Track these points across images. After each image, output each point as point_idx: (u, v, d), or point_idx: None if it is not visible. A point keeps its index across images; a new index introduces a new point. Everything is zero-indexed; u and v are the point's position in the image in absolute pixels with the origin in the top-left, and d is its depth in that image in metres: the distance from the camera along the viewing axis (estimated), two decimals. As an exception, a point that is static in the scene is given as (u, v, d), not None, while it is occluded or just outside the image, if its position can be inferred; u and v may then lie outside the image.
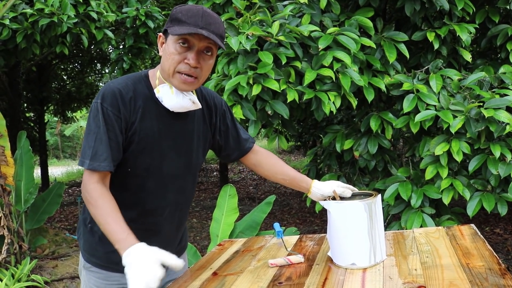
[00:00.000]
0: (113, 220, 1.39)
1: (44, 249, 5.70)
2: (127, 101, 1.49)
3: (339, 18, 3.78)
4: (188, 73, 1.47)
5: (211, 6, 4.34)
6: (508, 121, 3.15)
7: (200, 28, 1.42)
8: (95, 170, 1.44)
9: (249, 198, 9.81)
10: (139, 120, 1.51)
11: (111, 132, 1.46)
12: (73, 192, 12.15)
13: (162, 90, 1.53)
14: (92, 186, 1.44)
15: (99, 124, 1.46)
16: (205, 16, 1.44)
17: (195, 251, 3.71)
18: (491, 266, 1.41)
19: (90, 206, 1.43)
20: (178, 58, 1.46)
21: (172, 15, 1.47)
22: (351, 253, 1.55)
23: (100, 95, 1.48)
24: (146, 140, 1.53)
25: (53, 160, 23.40)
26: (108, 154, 1.45)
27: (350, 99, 3.44)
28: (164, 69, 1.51)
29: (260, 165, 1.85)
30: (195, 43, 1.45)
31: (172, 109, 1.55)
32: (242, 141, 1.82)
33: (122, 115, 1.48)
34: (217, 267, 1.73)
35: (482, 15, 4.07)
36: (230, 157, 1.83)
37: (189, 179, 1.70)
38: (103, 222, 1.39)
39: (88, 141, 1.47)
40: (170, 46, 1.47)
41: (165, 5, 8.73)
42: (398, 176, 3.63)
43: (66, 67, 11.96)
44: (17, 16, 5.19)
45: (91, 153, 1.45)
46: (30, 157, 5.18)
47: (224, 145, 1.78)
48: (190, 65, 1.46)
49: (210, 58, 1.51)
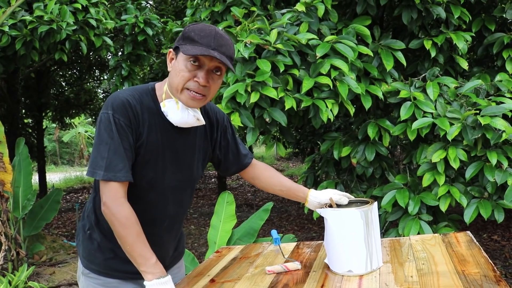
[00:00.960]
0: (141, 242, 1.45)
1: (42, 256, 5.69)
2: (135, 113, 1.51)
3: (336, 26, 3.81)
4: (197, 91, 1.49)
5: (210, 14, 4.37)
6: (504, 129, 3.17)
7: (212, 49, 1.44)
8: (111, 180, 1.46)
9: (247, 205, 9.80)
10: (147, 133, 1.53)
11: (125, 143, 1.48)
12: (71, 199, 12.13)
13: (168, 104, 1.55)
14: (120, 202, 1.46)
15: (112, 135, 1.46)
16: (217, 37, 1.46)
17: (192, 258, 3.71)
18: (486, 273, 1.42)
19: (116, 223, 1.45)
20: (188, 75, 1.48)
21: (184, 33, 1.48)
22: (348, 260, 1.56)
23: (110, 106, 1.49)
24: (151, 153, 1.55)
25: (51, 167, 23.36)
26: (124, 164, 1.47)
27: (348, 106, 3.46)
28: (172, 84, 1.52)
29: (258, 178, 1.87)
30: (205, 62, 1.47)
31: (176, 124, 1.57)
32: (241, 156, 1.84)
33: (133, 125, 1.50)
34: (214, 274, 1.73)
35: (479, 24, 4.10)
36: (229, 171, 1.85)
37: (188, 192, 1.73)
38: (131, 242, 1.44)
39: (100, 152, 1.47)
40: (180, 63, 1.48)
41: (164, 13, 8.78)
42: (396, 183, 3.64)
43: (65, 74, 11.97)
44: (16, 23, 5.20)
45: (105, 164, 1.45)
46: (28, 163, 5.17)
47: (224, 160, 1.80)
48: (200, 83, 1.48)
49: (219, 78, 1.53)
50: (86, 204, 1.77)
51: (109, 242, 1.62)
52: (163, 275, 1.44)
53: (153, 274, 1.42)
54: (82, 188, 14.23)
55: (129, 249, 1.44)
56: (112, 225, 1.47)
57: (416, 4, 3.76)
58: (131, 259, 1.45)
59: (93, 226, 1.66)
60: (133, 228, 1.45)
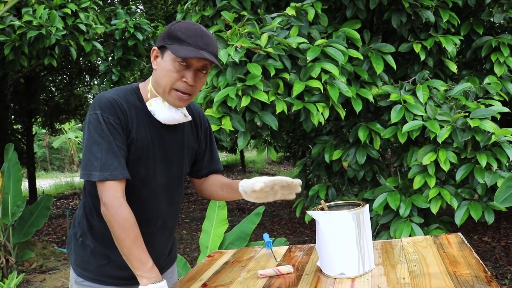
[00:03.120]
0: (138, 246, 1.44)
1: (32, 263, 5.63)
2: (123, 110, 1.51)
3: (326, 30, 3.82)
4: (185, 91, 1.50)
5: (200, 18, 4.37)
6: (493, 131, 3.20)
7: (200, 49, 1.44)
8: (107, 180, 1.44)
9: (238, 209, 9.79)
10: (136, 129, 1.53)
11: (117, 141, 1.47)
12: (61, 205, 12.03)
13: (154, 103, 1.55)
14: (119, 201, 1.45)
15: (103, 135, 1.45)
16: (204, 36, 1.47)
17: (184, 263, 3.69)
18: (478, 274, 1.43)
19: (115, 225, 1.43)
20: (176, 76, 1.48)
21: (170, 32, 1.48)
22: (340, 263, 1.56)
23: (97, 106, 1.48)
24: (141, 150, 1.55)
25: (41, 173, 23.18)
26: (119, 162, 1.46)
27: (339, 110, 3.47)
28: (159, 84, 1.52)
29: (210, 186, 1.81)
30: (193, 62, 1.48)
31: (164, 121, 1.57)
32: (215, 161, 1.84)
33: (122, 123, 1.50)
34: (206, 279, 1.73)
35: (467, 27, 4.14)
36: (200, 172, 1.82)
37: (179, 189, 1.73)
38: (128, 245, 1.42)
39: (93, 153, 1.45)
40: (168, 63, 1.48)
41: (154, 17, 8.77)
42: (387, 186, 3.66)
43: (55, 79, 11.89)
44: (5, 28, 5.17)
45: (100, 164, 1.44)
46: (18, 169, 5.13)
47: (200, 160, 1.80)
48: (188, 83, 1.49)
49: (204, 76, 1.55)
50: (76, 211, 1.75)
51: (103, 248, 1.61)
52: (158, 280, 1.42)
53: (149, 279, 1.41)
54: (72, 194, 14.12)
55: (126, 252, 1.43)
56: (110, 227, 1.45)
57: (406, 8, 3.79)
58: (128, 262, 1.44)
59: (86, 232, 1.64)
60: (132, 231, 1.43)
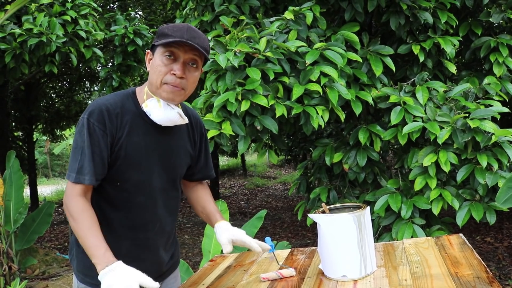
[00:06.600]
0: (92, 234, 1.43)
1: (34, 270, 5.63)
2: (113, 117, 1.53)
3: (325, 33, 3.84)
4: (174, 84, 1.52)
5: (199, 23, 4.39)
6: (493, 131, 3.20)
7: (185, 40, 1.48)
8: (78, 183, 1.48)
9: (240, 213, 9.78)
10: (126, 135, 1.55)
11: (95, 147, 1.50)
12: (63, 211, 12.03)
13: (150, 104, 1.57)
14: (74, 199, 1.48)
15: (84, 139, 1.50)
16: (190, 30, 1.51)
17: (187, 268, 3.68)
18: (479, 275, 1.43)
19: (70, 219, 1.47)
20: (164, 69, 1.52)
21: (159, 31, 1.54)
22: (342, 265, 1.56)
23: (88, 111, 1.52)
24: (133, 155, 1.56)
25: (42, 179, 23.18)
26: (91, 168, 1.49)
27: (338, 112, 3.48)
28: (151, 82, 1.55)
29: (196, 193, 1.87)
30: (180, 55, 1.51)
31: (160, 122, 1.58)
32: (209, 167, 1.87)
33: (108, 130, 1.52)
34: (209, 283, 1.73)
35: (465, 28, 4.15)
36: (193, 177, 1.85)
37: (175, 193, 1.74)
38: (82, 235, 1.43)
39: (75, 155, 1.51)
40: (157, 59, 1.53)
41: (153, 23, 8.79)
42: (388, 187, 3.66)
43: (55, 86, 11.92)
44: (5, 36, 5.19)
45: (77, 167, 1.49)
46: (19, 176, 5.14)
47: (195, 164, 1.81)
48: (176, 75, 1.51)
49: (195, 70, 1.56)
50: None
51: None
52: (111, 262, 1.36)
53: (102, 264, 1.36)
54: (74, 200, 14.07)
55: (81, 242, 1.44)
56: (69, 221, 1.48)
57: (404, 10, 3.80)
58: (86, 253, 1.42)
59: None
60: (86, 222, 1.44)
